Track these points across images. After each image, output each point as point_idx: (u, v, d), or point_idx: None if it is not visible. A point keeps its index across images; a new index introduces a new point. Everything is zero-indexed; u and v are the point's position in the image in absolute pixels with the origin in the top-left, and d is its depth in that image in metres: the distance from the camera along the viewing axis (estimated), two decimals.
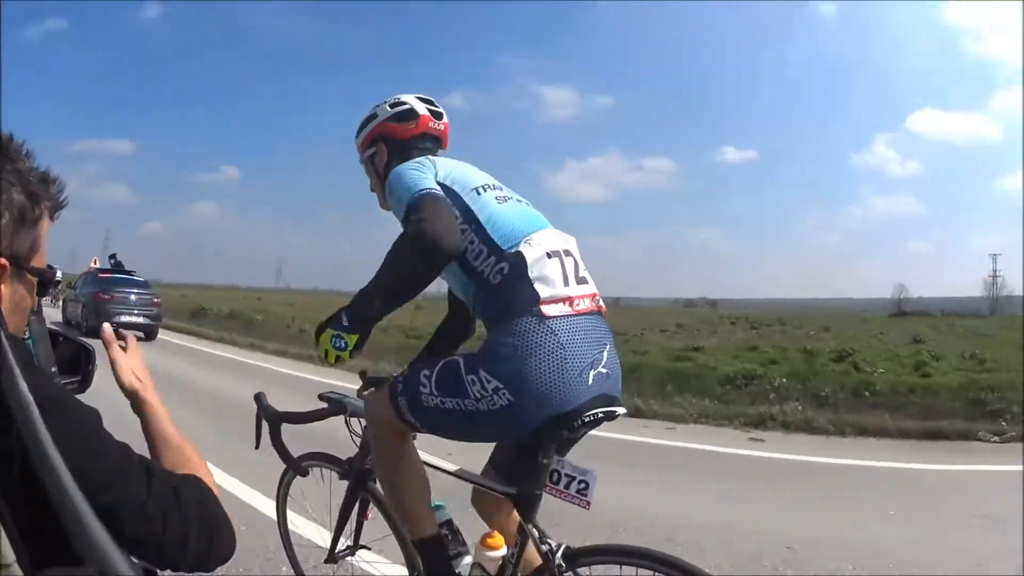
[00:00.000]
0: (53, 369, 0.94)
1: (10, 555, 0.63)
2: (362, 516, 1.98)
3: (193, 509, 0.79)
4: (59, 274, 0.88)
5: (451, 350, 1.91)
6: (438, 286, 1.72)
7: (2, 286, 0.77)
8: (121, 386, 0.98)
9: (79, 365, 1.07)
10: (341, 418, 1.87)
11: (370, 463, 1.88)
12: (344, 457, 1.97)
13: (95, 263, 15.94)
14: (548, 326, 1.42)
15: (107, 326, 1.01)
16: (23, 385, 0.65)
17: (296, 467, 1.94)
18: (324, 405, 1.81)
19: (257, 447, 1.82)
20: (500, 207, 1.54)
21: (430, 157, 1.62)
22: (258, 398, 1.82)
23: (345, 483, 1.97)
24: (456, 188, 1.55)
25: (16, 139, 0.81)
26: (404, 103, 1.76)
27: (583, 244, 1.63)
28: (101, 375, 1.06)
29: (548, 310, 1.43)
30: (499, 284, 1.48)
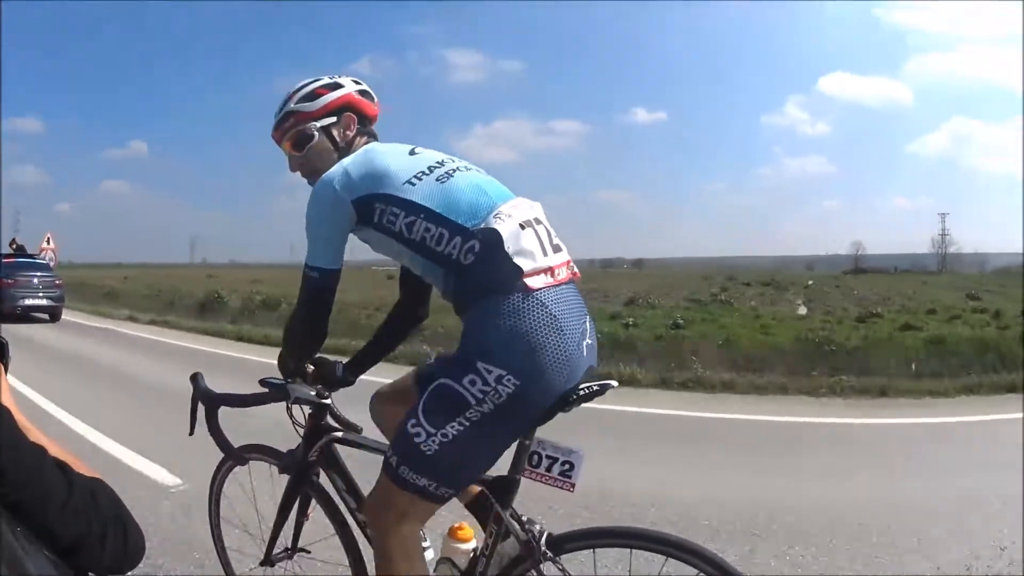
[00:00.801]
0: None
1: None
2: (302, 515, 1.77)
3: (109, 510, 0.78)
4: None
5: (400, 338, 1.77)
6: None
7: None
8: None
9: None
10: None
11: (314, 455, 1.66)
12: (284, 449, 1.75)
13: (13, 245, 15.28)
14: (537, 299, 1.31)
15: None
16: None
17: (233, 455, 1.71)
18: (266, 390, 1.60)
19: (192, 433, 1.61)
20: (445, 187, 1.42)
21: (347, 165, 1.47)
22: (195, 378, 1.61)
23: (285, 478, 1.74)
24: (382, 190, 1.42)
25: None
26: (360, 83, 1.65)
27: None
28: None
29: (533, 283, 1.32)
30: (472, 264, 1.35)
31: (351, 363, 1.71)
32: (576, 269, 1.45)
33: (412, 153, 1.51)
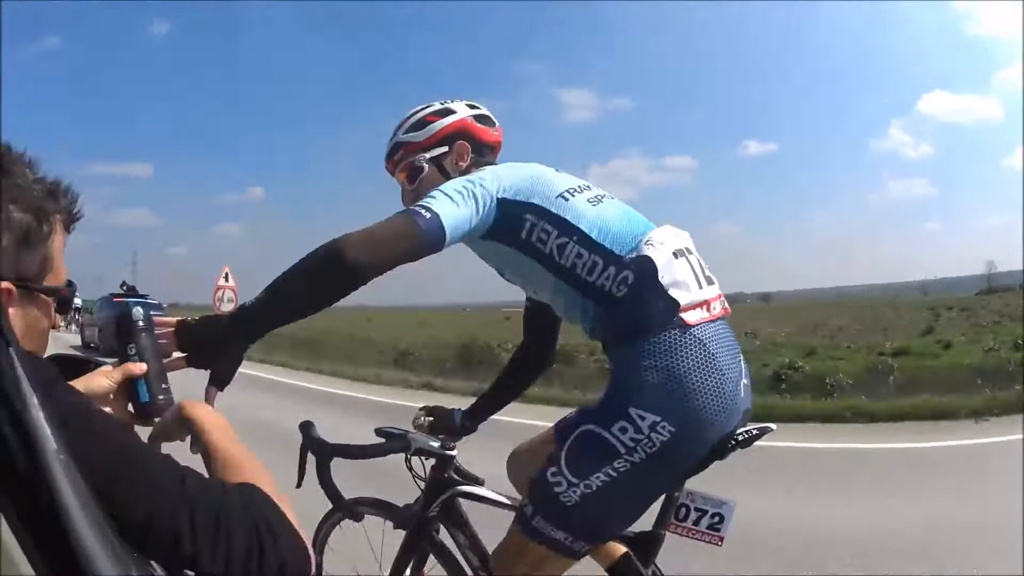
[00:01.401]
0: (164, 386, 0.97)
1: (27, 568, 0.60)
2: (418, 572, 1.68)
3: (239, 520, 0.73)
4: (78, 300, 0.82)
5: (524, 384, 1.72)
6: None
7: (11, 310, 0.76)
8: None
9: None
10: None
11: (434, 511, 1.60)
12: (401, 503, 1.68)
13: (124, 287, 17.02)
14: (695, 336, 1.23)
15: (129, 365, 0.98)
16: (33, 401, 0.59)
17: (346, 509, 1.63)
18: (383, 441, 1.52)
19: (299, 485, 1.50)
20: (598, 209, 1.32)
21: (496, 168, 1.39)
22: (305, 427, 1.55)
23: (398, 533, 1.67)
24: (536, 200, 1.31)
25: (15, 149, 0.77)
26: (476, 107, 1.55)
27: None
28: None
29: (689, 317, 1.24)
30: (625, 296, 1.25)
31: (471, 410, 1.67)
32: (727, 304, 1.36)
33: (557, 171, 1.42)
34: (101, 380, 0.97)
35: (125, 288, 17.00)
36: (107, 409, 0.97)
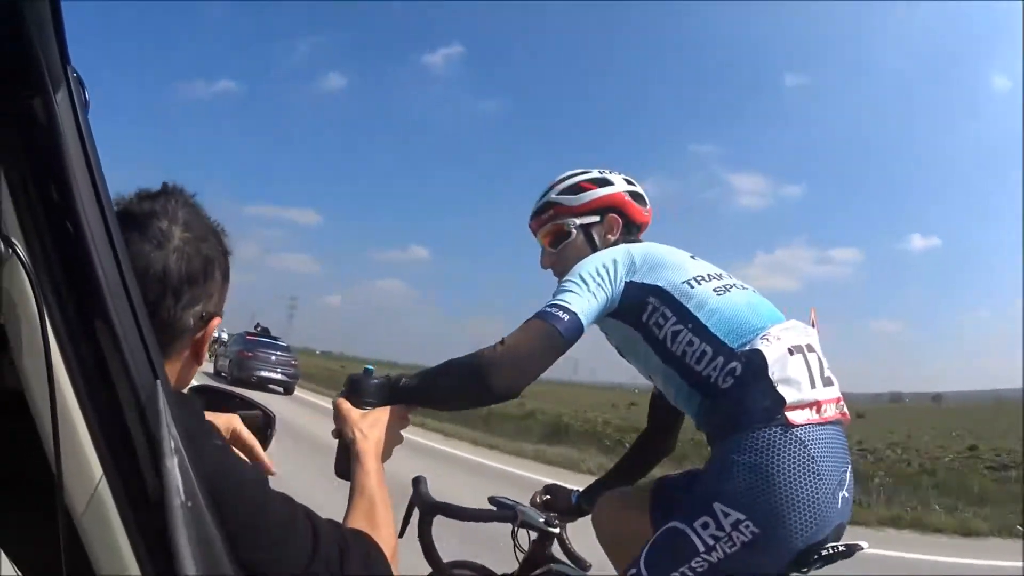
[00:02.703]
0: None
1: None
2: None
3: (354, 570, 0.79)
4: (224, 334, 0.99)
5: (645, 470, 1.69)
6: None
7: (198, 336, 0.81)
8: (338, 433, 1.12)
9: (259, 430, 1.11)
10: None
11: None
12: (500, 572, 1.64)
13: (258, 328, 18.77)
14: (796, 436, 1.16)
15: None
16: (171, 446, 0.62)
17: (441, 569, 1.63)
18: (492, 508, 1.54)
19: (401, 535, 1.56)
20: (721, 299, 1.29)
21: (631, 248, 1.38)
22: (416, 482, 1.60)
23: None
24: (663, 284, 1.31)
25: (181, 188, 0.82)
26: (632, 183, 1.55)
27: None
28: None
29: (795, 417, 1.17)
30: (730, 388, 1.21)
31: (588, 491, 1.65)
32: (846, 409, 1.26)
33: (692, 258, 1.40)
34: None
35: (259, 329, 18.22)
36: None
